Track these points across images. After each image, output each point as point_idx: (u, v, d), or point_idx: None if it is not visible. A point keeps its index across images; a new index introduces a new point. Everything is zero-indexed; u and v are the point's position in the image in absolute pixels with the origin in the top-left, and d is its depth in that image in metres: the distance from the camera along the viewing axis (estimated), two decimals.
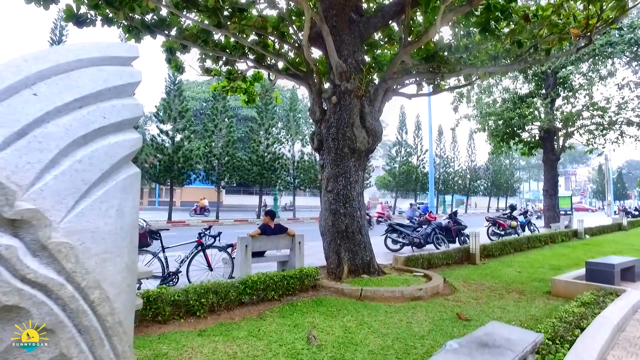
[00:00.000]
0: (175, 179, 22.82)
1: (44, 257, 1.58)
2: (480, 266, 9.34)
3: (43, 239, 1.55)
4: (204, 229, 6.69)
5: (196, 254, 6.26)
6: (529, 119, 20.18)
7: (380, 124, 7.69)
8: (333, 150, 7.38)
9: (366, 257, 7.22)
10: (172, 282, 5.94)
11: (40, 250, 1.57)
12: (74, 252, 1.64)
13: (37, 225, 1.53)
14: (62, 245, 1.61)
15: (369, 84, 7.64)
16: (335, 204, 7.24)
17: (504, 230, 14.41)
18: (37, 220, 1.53)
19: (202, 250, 6.31)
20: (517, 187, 54.41)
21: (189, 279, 6.07)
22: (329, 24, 7.56)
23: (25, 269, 1.50)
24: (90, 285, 1.74)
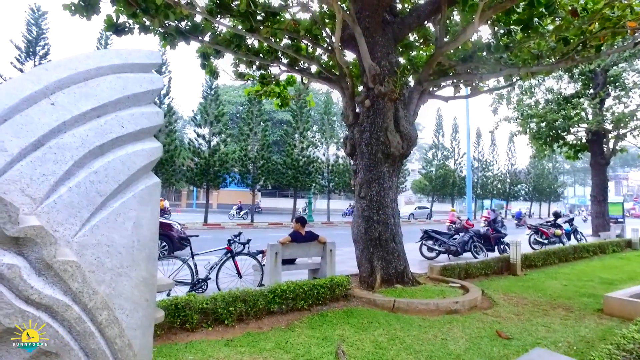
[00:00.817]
0: (212, 182, 23.23)
1: (49, 277, 1.51)
2: (522, 277, 8.84)
3: (48, 258, 1.48)
4: (234, 235, 6.65)
5: (225, 261, 6.23)
6: (575, 121, 19.09)
7: (415, 128, 7.42)
8: (366, 155, 7.18)
9: (400, 266, 6.96)
10: (201, 289, 5.93)
11: (45, 269, 1.49)
12: (81, 271, 1.56)
13: (41, 243, 1.46)
14: (68, 264, 1.53)
15: (403, 86, 7.39)
16: (369, 211, 7.03)
17: (547, 239, 13.64)
18: (41, 238, 1.46)
19: (231, 257, 6.27)
20: (561, 192, 51.83)
21: (218, 286, 6.04)
22: (361, 26, 7.38)
23: (29, 289, 1.43)
24: (97, 307, 1.65)
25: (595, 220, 20.33)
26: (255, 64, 10.01)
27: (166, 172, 22.09)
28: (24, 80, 1.97)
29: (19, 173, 1.74)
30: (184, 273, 5.86)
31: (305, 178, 25.97)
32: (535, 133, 21.55)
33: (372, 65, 7.13)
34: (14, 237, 1.40)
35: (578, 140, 22.14)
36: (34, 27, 19.73)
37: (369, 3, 7.24)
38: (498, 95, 22.70)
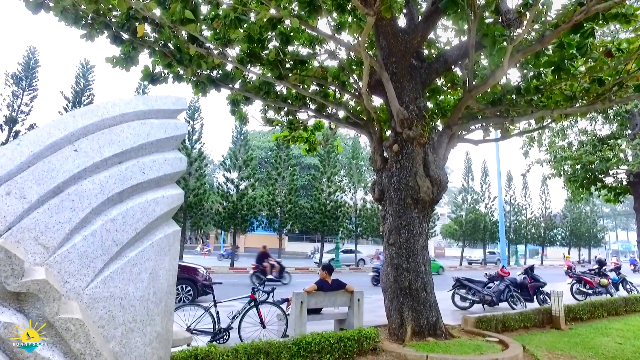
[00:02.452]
0: (239, 226, 23.30)
1: (49, 336, 1.40)
2: (567, 332, 8.15)
3: (50, 315, 1.37)
4: (259, 283, 6.47)
5: (249, 309, 6.01)
6: (613, 162, 18.30)
7: (445, 172, 7.22)
8: (395, 201, 6.99)
9: (432, 318, 6.55)
10: (222, 340, 5.70)
11: (45, 328, 1.39)
12: (84, 330, 1.44)
13: (44, 298, 1.36)
14: (71, 322, 1.42)
15: (431, 130, 7.28)
16: (398, 258, 6.74)
17: (592, 289, 12.70)
18: (44, 293, 1.36)
19: (255, 305, 6.06)
20: (601, 237, 49.14)
21: (240, 337, 5.79)
22: (389, 71, 7.44)
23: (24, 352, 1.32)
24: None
25: None
26: (284, 109, 10.20)
27: (195, 215, 22.37)
28: (51, 127, 1.97)
29: (35, 221, 1.69)
30: (206, 321, 5.68)
31: (332, 223, 25.72)
32: (570, 176, 20.76)
33: (400, 109, 7.10)
34: (15, 292, 1.31)
35: (618, 182, 21.15)
36: (81, 79, 21.10)
37: (396, 49, 7.31)
38: (529, 138, 22.22)
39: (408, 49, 7.28)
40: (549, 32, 6.28)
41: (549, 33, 6.29)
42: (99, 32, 7.43)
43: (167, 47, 7.85)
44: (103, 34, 7.51)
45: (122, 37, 7.54)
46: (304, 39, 9.06)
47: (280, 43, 8.25)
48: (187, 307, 5.62)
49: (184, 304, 5.70)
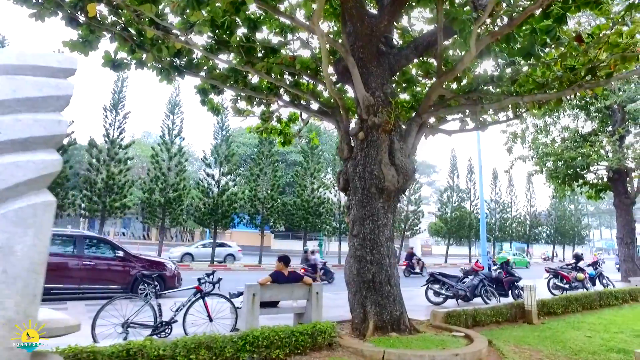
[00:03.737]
0: (219, 223, 22.89)
1: None
2: (538, 326, 7.97)
3: None
4: (206, 274, 6.14)
5: (194, 302, 5.66)
6: (594, 159, 18.31)
7: (412, 161, 6.96)
8: (359, 191, 6.71)
9: (396, 312, 6.29)
10: (164, 333, 5.36)
11: None
12: None
13: None
14: None
15: (398, 117, 7.02)
16: (361, 250, 6.46)
17: (568, 284, 12.57)
18: None
19: (201, 297, 5.72)
20: (585, 235, 49.55)
21: (185, 330, 5.46)
22: (355, 56, 7.16)
23: None
24: None
25: (624, 264, 19.00)
26: (255, 100, 9.86)
27: (174, 211, 21.90)
28: None
29: None
30: (147, 315, 5.32)
31: (315, 219, 25.40)
32: (552, 172, 20.75)
33: (365, 96, 6.82)
34: None
35: (599, 179, 21.20)
36: None
37: (362, 33, 7.02)
38: (512, 134, 22.17)
39: (374, 33, 6.99)
40: (517, 15, 6.04)
41: (517, 16, 6.05)
42: (51, 12, 7.00)
43: (127, 31, 7.47)
44: (57, 15, 7.09)
45: (78, 19, 7.13)
46: (275, 26, 8.75)
47: (247, 29, 7.91)
48: (124, 299, 5.23)
49: (119, 295, 5.30)
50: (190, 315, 5.60)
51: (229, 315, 5.96)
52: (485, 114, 8.38)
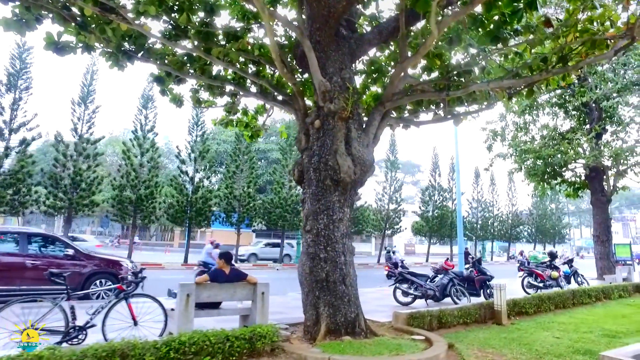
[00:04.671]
0: (194, 220, 22.20)
1: None
2: (507, 327, 7.59)
3: None
4: (133, 272, 5.57)
5: (115, 303, 5.10)
6: (571, 156, 18.15)
7: (371, 152, 6.50)
8: (314, 183, 6.22)
9: (350, 314, 5.82)
10: (76, 340, 4.78)
11: None
12: None
13: None
14: None
15: (357, 105, 6.55)
16: (314, 247, 5.98)
17: (542, 282, 12.29)
18: None
19: (123, 298, 5.16)
20: (565, 234, 49.96)
21: (105, 336, 4.88)
22: (312, 39, 6.68)
23: None
24: None
25: (600, 262, 18.90)
26: (216, 90, 9.29)
27: (146, 208, 21.12)
28: None
29: None
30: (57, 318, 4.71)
31: (294, 218, 24.86)
32: (531, 170, 20.59)
33: (322, 81, 6.34)
34: None
35: (577, 177, 21.11)
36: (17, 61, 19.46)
37: (319, 15, 6.53)
38: (492, 132, 21.97)
39: (332, 15, 6.49)
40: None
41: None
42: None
43: (69, 10, 6.84)
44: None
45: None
46: (236, 12, 8.24)
47: (205, 13, 7.38)
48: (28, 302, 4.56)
49: (24, 297, 4.66)
50: (112, 319, 5.02)
51: (161, 318, 5.41)
52: (455, 104, 7.95)
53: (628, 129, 18.77)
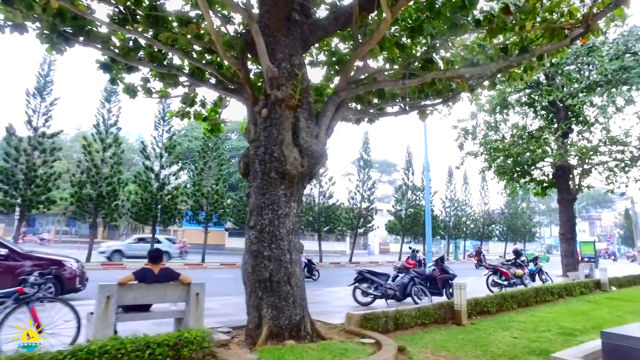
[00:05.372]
0: (159, 219, 21.42)
1: None
2: (467, 328, 7.34)
3: None
4: (39, 272, 5.02)
5: (15, 308, 4.54)
6: (538, 154, 18.29)
7: (321, 143, 6.11)
8: (259, 175, 5.79)
9: (295, 316, 5.41)
10: None
11: None
12: None
13: None
14: None
15: (306, 93, 6.15)
16: (258, 244, 5.56)
17: (507, 280, 12.20)
18: None
19: (24, 302, 4.61)
20: (535, 232, 50.98)
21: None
22: (261, 23, 6.26)
23: None
24: None
25: (565, 259, 19.13)
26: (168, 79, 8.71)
27: (107, 206, 20.21)
28: None
29: None
30: None
31: None
32: (500, 168, 20.71)
33: (270, 67, 5.91)
34: None
35: (545, 175, 21.37)
36: None
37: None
38: (463, 130, 22.01)
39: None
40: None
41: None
42: None
43: None
44: None
45: None
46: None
47: None
48: None
49: None
50: (11, 328, 4.45)
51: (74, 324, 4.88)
52: (416, 96, 7.64)
53: (592, 129, 19.06)
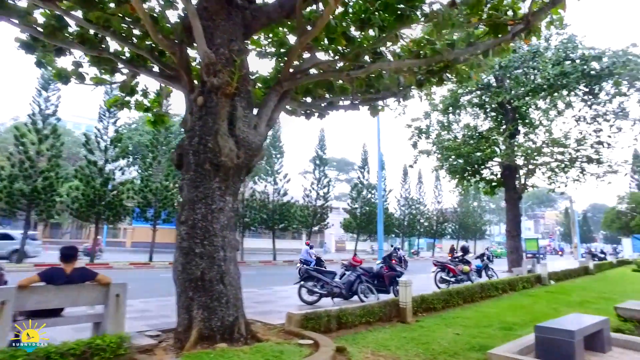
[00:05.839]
0: (102, 216, 20.24)
1: None
2: (411, 325, 7.25)
3: None
4: None
5: None
6: (487, 154, 18.86)
7: (260, 134, 5.78)
8: (192, 167, 5.39)
9: (228, 317, 5.07)
10: None
11: None
12: None
13: None
14: None
15: (246, 81, 5.81)
16: (189, 241, 5.16)
17: (454, 277, 12.39)
18: None
19: None
20: (485, 230, 53.11)
21: None
22: (199, 5, 5.86)
23: None
24: None
25: (511, 255, 19.87)
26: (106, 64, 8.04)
27: (43, 202, 18.82)
28: None
29: None
30: None
31: None
32: (451, 167, 21.19)
33: (207, 52, 5.51)
34: None
35: (494, 175, 22.08)
36: None
37: None
38: (417, 129, 22.33)
39: None
40: None
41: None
42: None
43: None
44: None
45: None
46: None
47: None
48: None
49: None
50: None
51: None
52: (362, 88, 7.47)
53: (537, 131, 19.88)
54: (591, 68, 16.20)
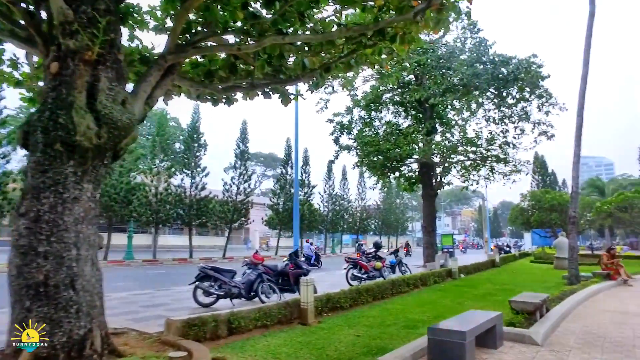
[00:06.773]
0: None
1: None
2: (311, 327, 6.77)
3: None
4: None
5: None
6: (406, 150, 19.21)
7: (129, 111, 4.88)
8: (40, 147, 4.38)
9: (78, 330, 4.16)
10: None
11: None
12: None
13: None
14: None
15: (115, 47, 4.89)
16: (30, 237, 4.15)
17: (366, 273, 12.25)
18: None
19: None
20: (407, 226, 55.24)
21: None
22: None
23: None
24: None
25: (426, 250, 20.46)
26: None
27: None
28: None
29: None
30: None
31: (123, 209, 21.57)
32: (372, 163, 21.35)
33: (62, 7, 4.51)
34: None
35: (412, 172, 22.64)
36: None
37: None
38: (339, 124, 22.22)
39: None
40: None
41: None
42: None
43: None
44: None
45: None
46: None
47: None
48: None
49: None
50: None
51: None
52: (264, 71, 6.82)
53: (453, 130, 20.67)
54: (499, 72, 17.10)
